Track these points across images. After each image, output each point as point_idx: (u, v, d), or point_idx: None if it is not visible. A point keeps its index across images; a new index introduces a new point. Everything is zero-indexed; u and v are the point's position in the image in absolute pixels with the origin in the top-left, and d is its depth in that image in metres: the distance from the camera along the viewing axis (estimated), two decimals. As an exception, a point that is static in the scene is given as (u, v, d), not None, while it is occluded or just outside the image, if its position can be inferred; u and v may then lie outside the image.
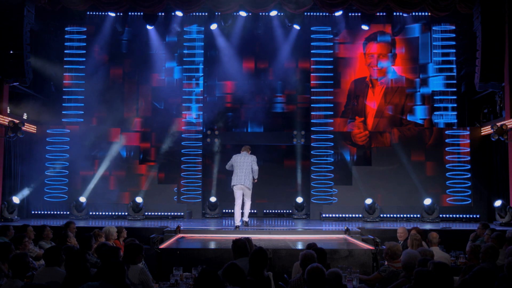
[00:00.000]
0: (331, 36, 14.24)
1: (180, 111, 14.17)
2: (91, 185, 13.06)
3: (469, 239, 8.55)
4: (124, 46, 14.50)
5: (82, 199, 12.72)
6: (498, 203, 11.56)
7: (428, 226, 10.89)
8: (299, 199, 13.58)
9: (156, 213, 13.17)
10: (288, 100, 14.79)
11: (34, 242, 7.74)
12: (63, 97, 14.13)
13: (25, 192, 12.62)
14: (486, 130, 12.71)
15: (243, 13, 13.38)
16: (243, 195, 10.70)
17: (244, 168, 10.59)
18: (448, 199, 13.13)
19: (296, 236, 10.09)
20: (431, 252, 6.08)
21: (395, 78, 14.50)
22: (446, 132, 13.44)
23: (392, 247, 6.07)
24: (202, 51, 14.33)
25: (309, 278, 4.52)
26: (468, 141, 13.25)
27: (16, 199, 11.79)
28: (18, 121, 11.72)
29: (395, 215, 13.05)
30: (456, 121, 14.07)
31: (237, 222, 10.61)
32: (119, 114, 13.89)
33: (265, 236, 9.77)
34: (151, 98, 14.46)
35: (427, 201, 12.57)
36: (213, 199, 13.53)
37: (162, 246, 8.68)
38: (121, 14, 13.41)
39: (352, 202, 13.10)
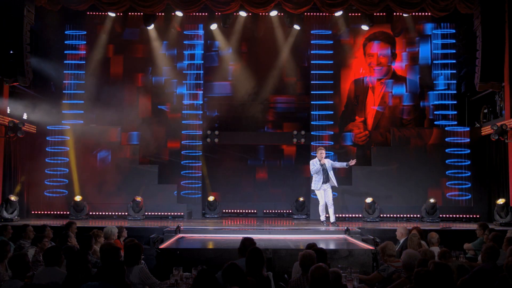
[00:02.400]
0: (331, 37, 14.23)
1: (180, 111, 14.16)
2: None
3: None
4: (124, 46, 14.49)
5: (78, 198, 12.69)
6: (501, 201, 11.55)
7: (428, 226, 10.88)
8: (300, 199, 13.57)
9: (156, 213, 13.17)
10: (288, 100, 14.79)
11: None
12: (63, 97, 14.13)
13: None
14: (486, 130, 12.70)
15: (243, 13, 13.37)
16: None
17: None
18: (448, 198, 13.11)
19: (296, 236, 10.09)
20: (432, 252, 6.07)
21: (395, 78, 14.50)
22: (446, 132, 13.43)
23: (383, 247, 6.05)
24: (202, 51, 14.32)
25: (312, 278, 4.50)
26: (468, 141, 13.25)
27: (13, 197, 11.74)
28: (18, 121, 11.72)
29: (395, 215, 13.04)
30: (456, 121, 14.06)
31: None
32: (119, 114, 13.87)
33: (265, 236, 9.76)
34: (151, 98, 14.46)
35: (432, 200, 12.51)
36: (211, 198, 13.52)
37: (162, 246, 8.68)
38: (121, 14, 13.42)
39: (352, 202, 13.10)
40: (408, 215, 12.99)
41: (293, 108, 14.85)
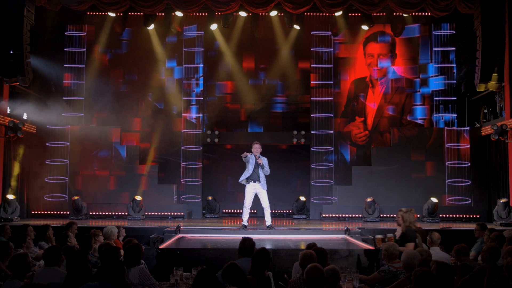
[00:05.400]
0: (331, 37, 14.23)
1: (180, 111, 14.17)
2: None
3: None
4: (124, 46, 14.50)
5: (75, 197, 12.69)
6: (503, 200, 11.54)
7: (428, 226, 10.87)
8: (300, 198, 13.57)
9: (156, 213, 13.17)
10: (288, 100, 14.81)
11: (34, 242, 7.71)
12: (63, 97, 14.13)
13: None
14: (486, 130, 12.70)
15: (243, 13, 13.37)
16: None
17: None
18: (448, 199, 13.12)
19: (296, 236, 10.09)
20: (429, 252, 6.06)
21: (395, 78, 14.51)
22: (446, 132, 13.43)
23: (389, 248, 6.04)
24: (202, 51, 14.32)
25: (308, 278, 4.50)
26: (468, 140, 13.25)
27: (10, 196, 11.72)
28: (18, 121, 11.72)
29: (395, 215, 12.97)
30: (456, 121, 14.07)
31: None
32: (119, 114, 13.87)
33: (265, 236, 9.76)
34: (151, 98, 14.46)
35: (434, 199, 12.47)
36: (209, 197, 13.51)
37: (162, 246, 8.68)
38: (121, 14, 13.41)
39: (352, 202, 13.09)
40: (408, 215, 12.95)
41: (293, 108, 14.86)
